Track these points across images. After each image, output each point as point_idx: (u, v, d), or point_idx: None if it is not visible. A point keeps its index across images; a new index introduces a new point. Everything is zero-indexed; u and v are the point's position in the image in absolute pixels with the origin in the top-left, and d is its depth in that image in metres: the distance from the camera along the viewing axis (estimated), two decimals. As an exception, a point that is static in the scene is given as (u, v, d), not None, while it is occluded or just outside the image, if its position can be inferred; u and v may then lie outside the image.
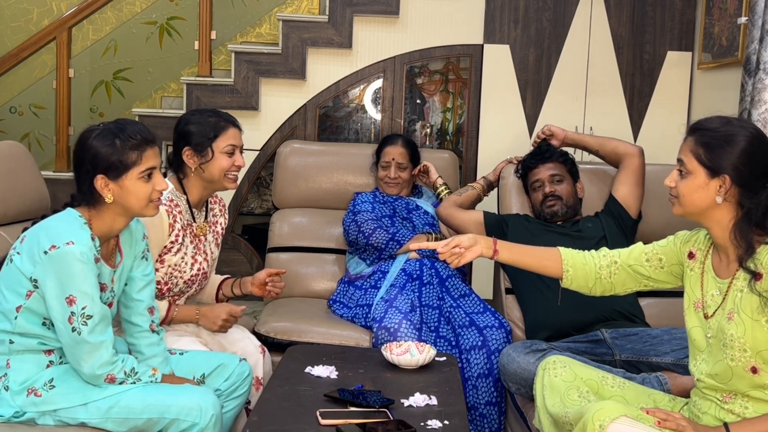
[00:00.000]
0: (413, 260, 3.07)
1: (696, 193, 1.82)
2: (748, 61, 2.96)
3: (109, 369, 1.96)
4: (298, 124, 4.15)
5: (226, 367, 2.27)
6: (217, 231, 2.58)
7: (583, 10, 4.00)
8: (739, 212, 1.79)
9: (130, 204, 1.99)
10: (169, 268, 2.38)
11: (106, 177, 1.95)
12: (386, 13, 4.07)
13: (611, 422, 1.73)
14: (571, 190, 2.97)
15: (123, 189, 1.97)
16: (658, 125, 4.02)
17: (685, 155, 1.84)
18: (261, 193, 5.44)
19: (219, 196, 2.64)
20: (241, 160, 2.44)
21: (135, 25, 5.37)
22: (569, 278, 2.11)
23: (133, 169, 1.97)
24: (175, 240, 2.36)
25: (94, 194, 1.97)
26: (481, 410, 2.72)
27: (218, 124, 2.40)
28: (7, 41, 5.12)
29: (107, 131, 1.98)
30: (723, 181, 1.79)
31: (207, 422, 2.00)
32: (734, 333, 1.77)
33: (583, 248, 2.73)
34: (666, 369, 2.39)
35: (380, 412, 1.98)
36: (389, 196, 3.30)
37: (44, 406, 1.96)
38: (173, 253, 2.37)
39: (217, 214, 2.59)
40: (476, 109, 4.11)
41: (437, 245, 2.09)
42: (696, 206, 1.83)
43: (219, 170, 2.39)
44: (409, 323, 2.76)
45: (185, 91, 4.13)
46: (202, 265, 2.47)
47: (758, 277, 1.74)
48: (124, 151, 1.96)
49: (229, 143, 2.40)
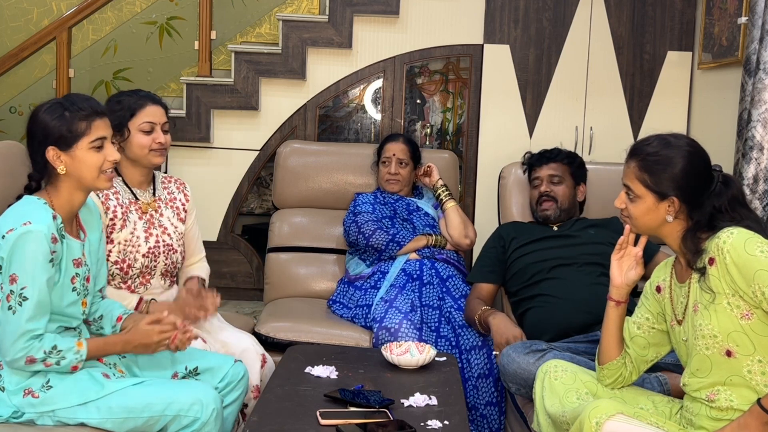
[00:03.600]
0: (413, 260, 3.07)
1: (647, 215, 1.91)
2: (748, 61, 2.95)
3: (26, 351, 1.90)
4: (298, 124, 4.15)
5: (221, 368, 2.26)
6: (177, 207, 2.60)
7: (583, 10, 4.00)
8: (690, 223, 1.88)
9: (83, 175, 2.00)
10: (120, 245, 2.42)
11: (57, 148, 1.97)
12: (386, 13, 4.07)
13: (607, 419, 1.76)
14: (568, 193, 2.97)
15: (74, 159, 1.99)
16: (658, 125, 4.01)
17: (631, 181, 1.92)
18: (261, 193, 5.43)
19: (175, 177, 2.69)
20: (162, 137, 2.47)
21: (135, 25, 5.36)
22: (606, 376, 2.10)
23: (83, 138, 1.99)
24: (114, 217, 2.41)
25: (47, 167, 2.00)
26: (482, 410, 2.72)
27: (135, 102, 2.46)
28: (7, 41, 5.12)
29: (56, 104, 2.01)
30: (671, 203, 1.87)
31: (208, 416, 2.00)
32: (702, 322, 1.82)
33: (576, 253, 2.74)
34: (666, 369, 2.38)
35: (380, 412, 1.98)
36: (390, 197, 3.30)
37: (42, 407, 1.96)
38: (118, 230, 2.41)
39: (174, 191, 2.63)
40: (476, 109, 4.11)
41: None
42: (649, 226, 1.93)
43: (139, 147, 2.44)
44: (410, 323, 2.76)
45: (185, 91, 4.13)
46: (160, 238, 2.50)
47: (711, 262, 1.79)
48: (73, 121, 1.98)
49: (145, 120, 2.45)
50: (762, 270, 1.72)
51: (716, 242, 1.79)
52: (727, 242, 1.76)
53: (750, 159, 2.98)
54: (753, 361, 1.78)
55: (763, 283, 1.71)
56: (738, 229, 1.79)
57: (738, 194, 1.89)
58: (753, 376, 1.78)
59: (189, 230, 2.64)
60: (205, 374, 2.24)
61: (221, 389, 2.24)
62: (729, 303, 1.78)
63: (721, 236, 1.79)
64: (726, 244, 1.76)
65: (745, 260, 1.74)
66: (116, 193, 2.46)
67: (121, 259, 2.41)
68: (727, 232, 1.78)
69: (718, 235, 1.80)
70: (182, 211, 2.62)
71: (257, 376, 2.45)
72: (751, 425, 1.75)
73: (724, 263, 1.77)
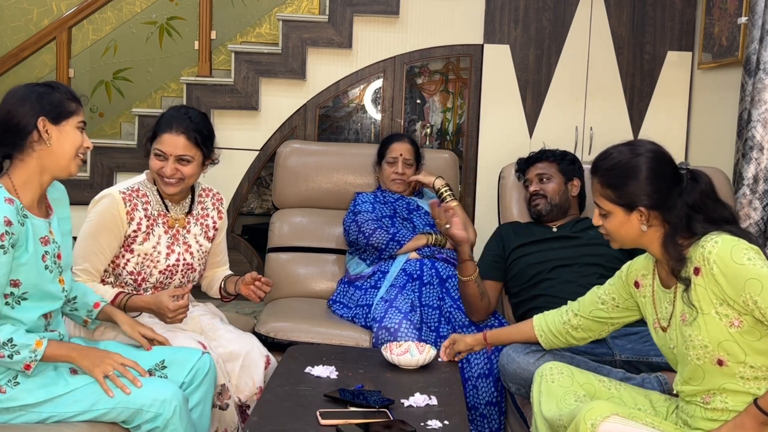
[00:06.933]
0: (413, 260, 3.06)
1: (622, 228, 1.91)
2: (748, 61, 2.96)
3: None
4: (298, 124, 4.15)
5: (188, 360, 2.22)
6: (207, 224, 2.56)
7: (583, 10, 4.00)
8: (666, 228, 1.86)
9: (64, 151, 2.00)
10: (140, 257, 2.40)
11: (47, 119, 1.98)
12: (386, 13, 4.07)
13: (602, 421, 1.76)
14: (558, 189, 3.00)
15: (62, 134, 1.99)
16: (658, 125, 4.02)
17: (598, 199, 1.93)
18: (261, 193, 5.44)
19: (215, 190, 2.65)
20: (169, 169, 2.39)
21: (135, 25, 5.37)
22: (545, 342, 2.29)
23: (74, 116, 2.02)
24: (138, 229, 2.38)
25: (27, 138, 1.96)
26: (481, 410, 2.72)
27: (161, 124, 2.42)
28: (7, 41, 5.12)
29: (44, 85, 2.03)
30: (640, 213, 1.86)
31: (171, 413, 2.01)
32: (691, 333, 1.81)
33: (576, 254, 2.74)
34: (666, 369, 2.38)
35: (380, 412, 1.98)
36: (390, 196, 3.30)
37: (9, 402, 1.96)
38: (139, 242, 2.39)
39: (208, 207, 2.58)
40: (476, 109, 4.11)
41: None
42: (627, 239, 1.92)
43: (151, 170, 2.43)
44: (410, 323, 2.75)
45: (185, 91, 4.13)
46: (182, 256, 2.46)
47: (696, 272, 1.78)
48: (64, 100, 2.02)
49: (156, 147, 2.39)
50: (752, 279, 1.70)
51: (701, 252, 1.77)
52: (713, 252, 1.74)
53: (750, 159, 2.98)
54: (745, 368, 1.77)
55: (754, 292, 1.70)
56: (722, 237, 1.76)
57: (707, 188, 1.85)
58: (746, 381, 1.78)
59: (218, 244, 2.63)
60: (172, 367, 2.21)
61: (188, 383, 2.21)
62: (717, 312, 1.77)
63: (705, 245, 1.76)
64: (712, 254, 1.75)
65: (734, 270, 1.72)
66: (147, 203, 2.42)
67: (137, 271, 2.40)
68: (711, 241, 1.76)
69: (701, 245, 1.78)
70: (211, 230, 2.58)
71: (261, 377, 2.43)
72: (747, 425, 1.75)
73: (711, 273, 1.75)
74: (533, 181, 3.04)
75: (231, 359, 2.43)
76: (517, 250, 2.90)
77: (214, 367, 2.29)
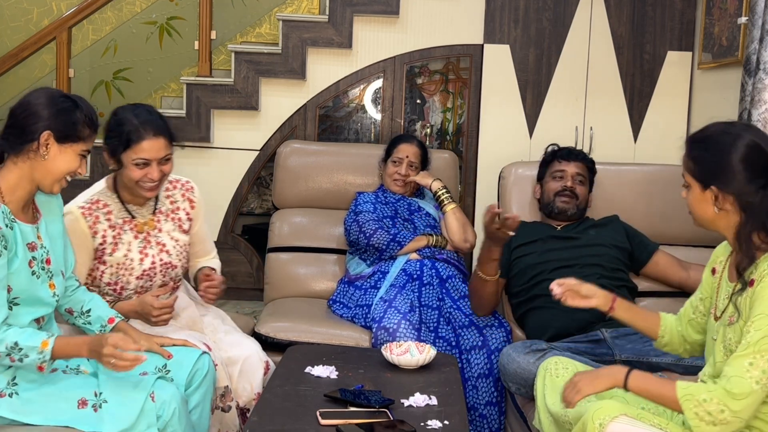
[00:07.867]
0: (414, 260, 3.06)
1: (698, 205, 1.84)
2: (748, 61, 2.95)
3: None
4: (298, 124, 4.15)
5: (187, 360, 2.21)
6: (179, 218, 2.50)
7: (583, 10, 4.00)
8: (743, 217, 1.78)
9: (54, 169, 1.96)
10: (113, 267, 2.36)
11: (53, 135, 1.94)
12: (386, 13, 4.07)
13: (611, 421, 1.75)
14: (586, 196, 2.99)
15: (61, 153, 1.95)
16: (658, 125, 4.02)
17: (684, 169, 1.87)
18: (261, 193, 5.44)
19: (183, 180, 2.56)
20: (156, 173, 2.29)
21: (135, 25, 5.37)
22: (662, 342, 2.11)
23: (81, 143, 1.98)
24: (103, 241, 2.34)
25: (24, 145, 1.93)
26: (481, 410, 2.72)
27: (135, 132, 2.26)
28: (7, 41, 5.12)
29: (69, 98, 1.99)
30: (713, 192, 1.79)
31: (170, 415, 2.00)
32: (732, 336, 1.78)
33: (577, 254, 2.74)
34: (666, 369, 2.39)
35: (380, 412, 1.98)
36: (392, 197, 3.30)
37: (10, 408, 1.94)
38: (109, 253, 2.35)
39: (178, 199, 2.51)
40: (476, 109, 4.11)
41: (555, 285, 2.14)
42: (702, 218, 1.85)
43: (128, 179, 2.30)
44: (408, 323, 2.76)
45: (185, 91, 4.13)
46: (157, 257, 2.42)
47: (750, 284, 1.74)
48: (81, 123, 1.97)
49: (139, 157, 2.27)
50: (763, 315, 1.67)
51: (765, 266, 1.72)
52: None
53: (750, 159, 2.97)
54: None
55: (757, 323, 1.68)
56: None
57: None
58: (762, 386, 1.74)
59: (196, 233, 2.56)
60: (173, 368, 2.20)
61: (187, 385, 2.20)
62: None
63: None
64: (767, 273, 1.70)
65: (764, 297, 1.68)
66: (109, 213, 2.36)
67: (113, 281, 2.36)
68: None
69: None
70: (185, 221, 2.51)
71: (259, 383, 2.41)
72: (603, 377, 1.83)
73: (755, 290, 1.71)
74: (571, 178, 2.96)
75: (230, 364, 2.42)
76: (518, 249, 2.89)
77: (213, 368, 2.28)
